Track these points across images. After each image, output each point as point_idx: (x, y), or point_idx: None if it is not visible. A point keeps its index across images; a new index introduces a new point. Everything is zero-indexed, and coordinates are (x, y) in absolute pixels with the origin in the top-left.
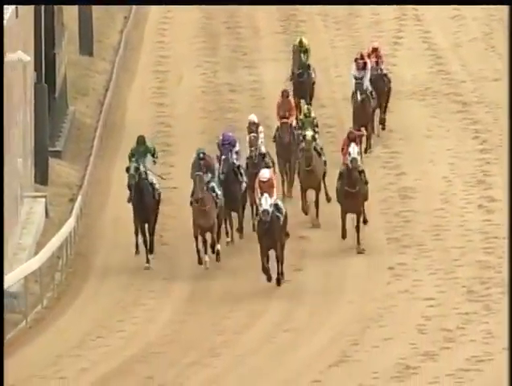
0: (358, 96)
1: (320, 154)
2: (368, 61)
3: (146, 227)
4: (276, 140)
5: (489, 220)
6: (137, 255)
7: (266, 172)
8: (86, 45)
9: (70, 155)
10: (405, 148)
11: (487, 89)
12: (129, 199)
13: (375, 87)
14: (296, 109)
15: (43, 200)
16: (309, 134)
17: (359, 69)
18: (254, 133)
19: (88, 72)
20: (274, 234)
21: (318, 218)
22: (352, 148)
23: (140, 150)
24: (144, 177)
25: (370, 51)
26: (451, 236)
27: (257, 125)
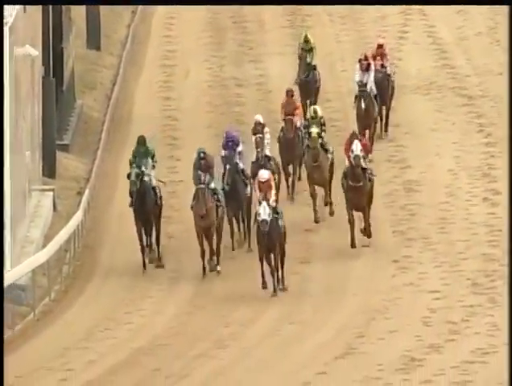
0: (362, 104)
1: (327, 151)
2: (372, 62)
3: (148, 231)
4: (280, 139)
5: (494, 213)
6: (147, 257)
7: (265, 172)
8: (94, 39)
9: (78, 149)
10: (410, 142)
11: (492, 83)
12: (130, 204)
13: (379, 88)
14: (302, 110)
15: (51, 193)
16: (314, 131)
17: (363, 70)
18: (260, 134)
19: (95, 66)
20: (273, 238)
21: (332, 214)
22: (355, 145)
23: (141, 151)
24: (146, 182)
25: (376, 48)
26: (456, 229)
27: (263, 126)
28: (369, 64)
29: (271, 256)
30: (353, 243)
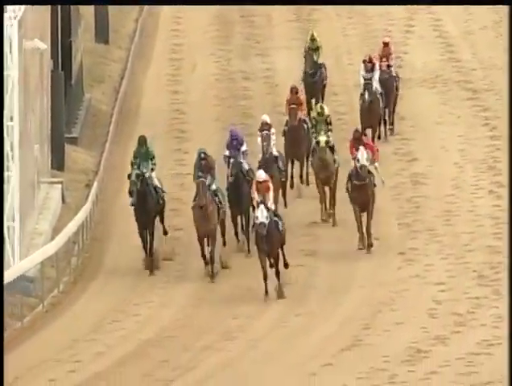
0: (367, 97)
1: (333, 151)
2: (376, 63)
3: (150, 230)
4: (285, 132)
5: (499, 206)
6: (146, 257)
7: (263, 173)
8: (102, 33)
9: (86, 141)
10: (416, 135)
11: (497, 77)
12: (131, 203)
13: (384, 88)
14: (308, 108)
15: (60, 186)
16: (323, 140)
17: (367, 71)
18: (267, 131)
19: (103, 60)
20: (273, 242)
21: (334, 214)
22: (360, 153)
23: (142, 152)
24: (147, 182)
25: (382, 47)
26: (461, 222)
27: (269, 126)
28: (373, 65)
29: (272, 259)
30: (360, 244)
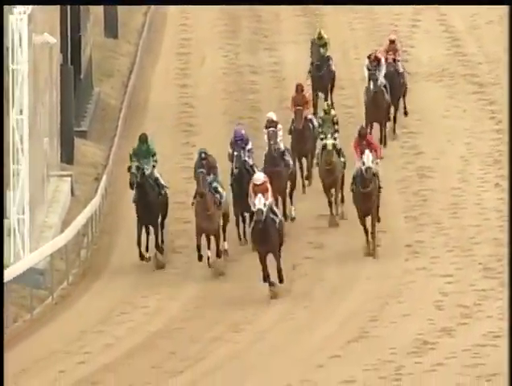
0: (371, 87)
1: (340, 155)
2: (382, 58)
3: (153, 225)
4: (291, 131)
5: (505, 199)
6: (142, 259)
7: (261, 175)
8: (111, 28)
9: (95, 135)
10: (422, 128)
11: (503, 71)
12: (133, 200)
13: (390, 84)
14: (314, 102)
15: (69, 179)
16: (329, 143)
17: (372, 66)
18: (273, 128)
19: (112, 54)
20: (270, 237)
21: (337, 216)
22: (366, 156)
23: (142, 149)
24: (148, 175)
25: (388, 44)
26: (468, 215)
27: (276, 123)
28: (378, 61)
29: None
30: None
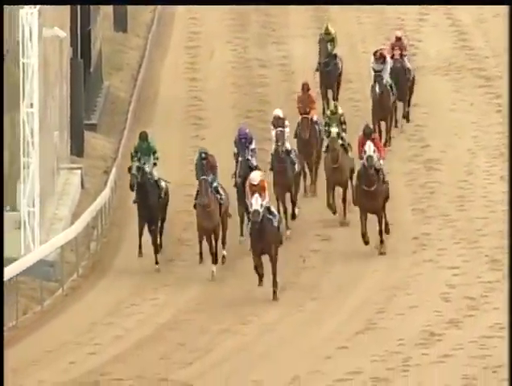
0: (377, 89)
1: (347, 151)
2: (387, 56)
3: (153, 226)
4: (297, 135)
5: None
6: (140, 257)
7: (257, 175)
8: (120, 21)
9: (105, 128)
10: (429, 121)
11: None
12: (134, 201)
13: (397, 80)
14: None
15: (79, 172)
16: (334, 131)
17: (378, 64)
18: (281, 128)
19: (122, 48)
20: (267, 237)
21: (346, 216)
22: (368, 146)
23: (143, 147)
24: (148, 176)
25: (394, 41)
26: (474, 207)
27: (282, 120)
28: (384, 58)
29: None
30: (366, 238)
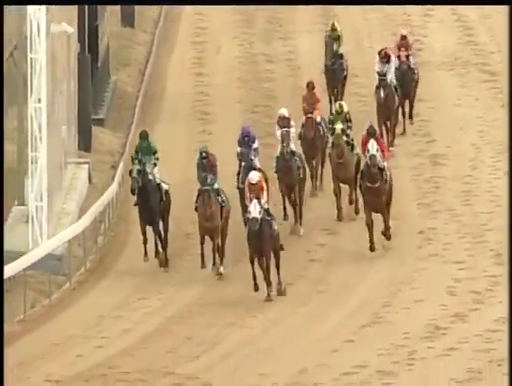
0: (381, 94)
1: (353, 147)
2: (392, 55)
3: (155, 229)
4: (301, 136)
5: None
6: (146, 261)
7: (255, 175)
8: (127, 17)
9: (112, 123)
10: (435, 116)
11: None
12: (135, 204)
13: (402, 82)
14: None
15: (87, 167)
16: (338, 128)
17: (382, 63)
18: (286, 128)
19: (129, 43)
20: (264, 240)
21: (358, 213)
22: (371, 144)
23: (144, 146)
24: (149, 178)
25: (399, 39)
26: (480, 202)
27: (288, 120)
28: (389, 57)
29: (263, 259)
30: (372, 246)
